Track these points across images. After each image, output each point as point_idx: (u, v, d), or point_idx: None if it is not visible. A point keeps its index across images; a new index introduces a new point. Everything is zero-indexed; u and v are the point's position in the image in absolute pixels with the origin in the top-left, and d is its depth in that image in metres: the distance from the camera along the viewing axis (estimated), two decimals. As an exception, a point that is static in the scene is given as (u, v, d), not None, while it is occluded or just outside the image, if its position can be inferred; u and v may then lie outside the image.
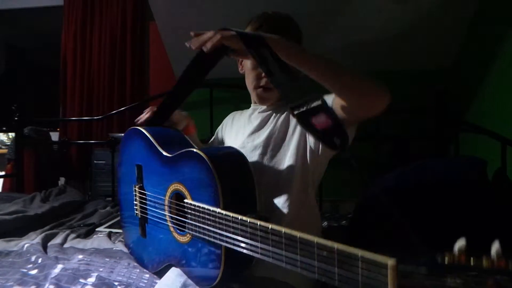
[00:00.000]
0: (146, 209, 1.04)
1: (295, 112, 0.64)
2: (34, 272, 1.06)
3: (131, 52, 3.15)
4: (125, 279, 1.01)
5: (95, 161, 2.85)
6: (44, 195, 2.07)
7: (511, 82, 1.83)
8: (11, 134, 3.30)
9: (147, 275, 1.04)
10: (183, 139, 1.05)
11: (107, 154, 2.59)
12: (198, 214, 0.81)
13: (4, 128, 3.64)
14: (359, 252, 0.51)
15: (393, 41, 2.30)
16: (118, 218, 1.72)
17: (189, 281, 0.87)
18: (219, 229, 0.75)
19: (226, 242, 0.74)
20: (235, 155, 0.90)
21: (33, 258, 1.15)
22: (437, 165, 1.58)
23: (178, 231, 0.91)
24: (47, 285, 0.95)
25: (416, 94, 2.38)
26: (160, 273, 1.00)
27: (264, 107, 1.11)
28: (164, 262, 0.99)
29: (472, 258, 0.43)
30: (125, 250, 1.23)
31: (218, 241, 0.76)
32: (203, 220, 0.79)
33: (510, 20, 1.85)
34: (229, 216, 0.72)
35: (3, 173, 2.83)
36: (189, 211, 0.84)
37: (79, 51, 3.26)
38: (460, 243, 0.45)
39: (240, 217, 0.70)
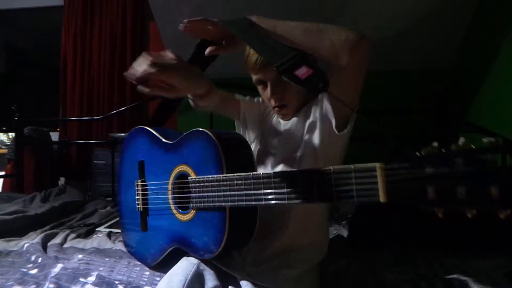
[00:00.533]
0: (147, 200, 1.06)
1: (279, 69, 0.70)
2: (34, 271, 1.06)
3: (131, 52, 3.15)
4: (125, 278, 1.01)
5: (95, 161, 2.85)
6: (44, 195, 2.07)
7: (511, 82, 1.83)
8: (11, 134, 3.30)
9: (148, 273, 1.04)
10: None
11: (107, 154, 2.59)
12: (202, 185, 0.86)
13: (4, 128, 3.64)
14: (352, 166, 0.62)
15: (393, 41, 2.30)
16: (118, 218, 1.72)
17: (202, 266, 0.87)
18: (223, 191, 0.81)
19: (231, 201, 0.79)
20: (237, 136, 0.98)
21: (33, 258, 1.15)
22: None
23: (181, 210, 0.94)
24: (47, 284, 0.95)
25: (416, 94, 2.38)
26: (164, 262, 1.00)
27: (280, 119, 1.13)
28: (167, 248, 0.99)
29: (443, 148, 0.52)
30: (125, 249, 1.23)
31: (222, 203, 0.81)
32: (207, 189, 0.84)
33: (510, 20, 1.85)
34: (233, 176, 0.79)
35: (3, 173, 2.83)
36: (194, 185, 0.88)
37: (79, 51, 3.27)
38: (434, 143, 0.53)
39: (243, 174, 0.77)
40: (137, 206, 1.09)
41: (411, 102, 2.34)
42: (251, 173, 0.76)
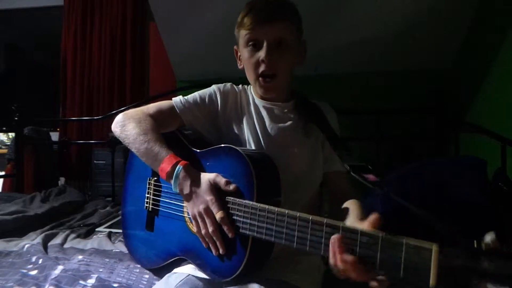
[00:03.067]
0: (158, 201, 1.03)
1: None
2: (34, 272, 1.06)
3: (131, 52, 3.15)
4: (125, 280, 1.01)
5: (95, 161, 2.85)
6: (44, 195, 2.07)
7: (511, 82, 1.83)
8: (11, 134, 3.30)
9: (147, 276, 1.04)
10: (206, 138, 1.07)
11: (107, 154, 2.59)
12: (229, 206, 0.83)
13: (4, 128, 3.63)
14: (404, 239, 0.58)
15: (393, 41, 2.29)
16: (118, 218, 1.71)
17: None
18: (251, 219, 0.78)
19: (257, 232, 0.77)
20: (265, 156, 0.94)
21: (33, 259, 1.15)
22: (438, 165, 1.58)
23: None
24: (47, 286, 0.95)
25: (416, 94, 2.38)
26: (163, 267, 0.99)
27: (271, 104, 1.05)
28: (173, 255, 0.97)
29: (504, 245, 0.51)
30: (125, 250, 1.23)
31: (247, 232, 0.79)
32: (232, 212, 0.82)
33: (510, 20, 1.85)
34: (265, 207, 0.76)
35: (3, 173, 2.83)
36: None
37: (79, 51, 3.27)
38: (491, 235, 0.52)
39: (277, 209, 0.75)
40: (146, 204, 1.06)
41: (411, 102, 2.34)
42: (286, 211, 0.73)
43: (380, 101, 2.41)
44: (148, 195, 1.06)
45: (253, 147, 1.01)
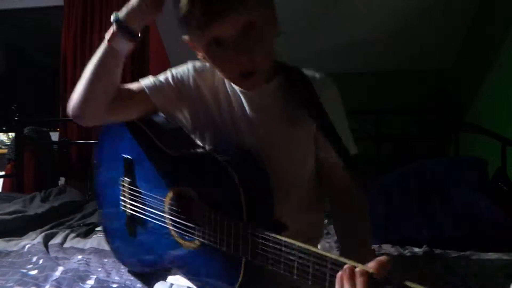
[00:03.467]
0: (137, 207, 0.93)
1: None
2: (34, 272, 1.06)
3: (131, 52, 3.15)
4: (123, 281, 1.01)
5: (95, 161, 2.85)
6: (44, 195, 2.07)
7: (511, 82, 1.83)
8: (11, 134, 3.30)
9: (145, 277, 1.04)
10: (185, 135, 0.92)
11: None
12: (219, 226, 0.72)
13: (4, 128, 3.63)
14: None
15: (393, 41, 2.29)
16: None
17: None
18: (243, 243, 0.68)
19: (250, 257, 0.68)
20: (254, 159, 0.81)
21: (34, 259, 1.15)
22: (438, 165, 1.58)
23: (184, 236, 0.82)
24: (47, 286, 0.96)
25: (416, 94, 2.38)
26: (150, 274, 0.97)
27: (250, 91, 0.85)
28: (159, 266, 0.92)
29: None
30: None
31: (241, 254, 0.70)
32: (225, 233, 0.72)
33: (510, 20, 1.85)
34: (259, 233, 0.66)
35: (3, 173, 2.83)
36: (208, 220, 0.75)
37: (79, 51, 3.26)
38: None
39: (272, 235, 0.65)
40: (122, 208, 0.96)
41: (411, 102, 2.34)
42: (282, 239, 0.63)
43: (380, 101, 2.42)
44: (124, 198, 0.95)
45: (233, 140, 0.86)
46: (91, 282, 1.00)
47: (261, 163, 0.79)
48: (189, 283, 0.86)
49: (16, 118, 2.51)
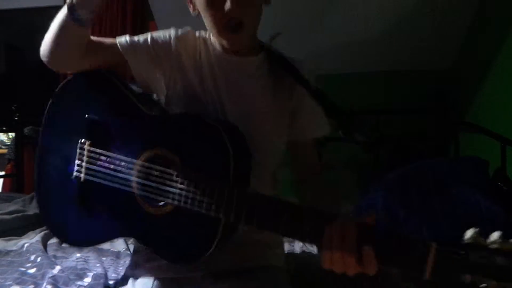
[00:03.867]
0: (94, 171, 0.83)
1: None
2: (32, 271, 1.07)
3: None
4: (120, 277, 1.02)
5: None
6: (44, 195, 2.07)
7: (511, 82, 1.83)
8: (11, 134, 3.30)
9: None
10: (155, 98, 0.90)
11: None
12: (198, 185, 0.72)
13: (4, 128, 3.63)
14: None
15: (393, 41, 2.30)
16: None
17: None
18: (228, 205, 0.69)
19: (232, 217, 0.69)
20: (238, 131, 0.81)
21: (32, 257, 1.16)
22: (438, 165, 1.58)
23: (153, 202, 0.77)
24: (44, 284, 0.96)
25: (416, 94, 2.38)
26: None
27: (238, 57, 0.86)
28: (118, 236, 0.88)
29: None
30: (121, 248, 1.23)
31: (220, 214, 0.70)
32: (207, 192, 0.71)
33: (510, 20, 1.85)
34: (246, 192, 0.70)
35: (3, 173, 2.83)
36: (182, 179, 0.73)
37: (79, 51, 3.26)
38: (497, 233, 0.57)
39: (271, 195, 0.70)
40: (75, 173, 0.85)
41: (411, 102, 2.34)
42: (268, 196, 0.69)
43: (380, 101, 2.42)
44: (80, 162, 0.85)
45: (216, 110, 0.85)
46: (88, 279, 1.01)
47: (244, 137, 0.79)
48: (154, 272, 0.83)
49: (16, 118, 2.51)
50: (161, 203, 0.76)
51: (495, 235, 0.56)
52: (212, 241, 0.71)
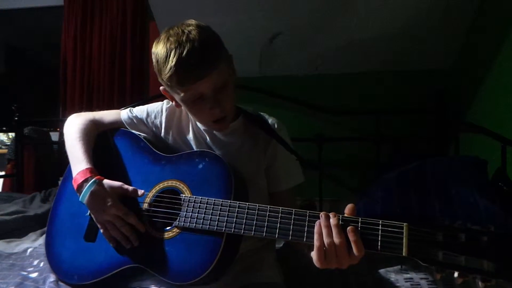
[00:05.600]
0: None
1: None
2: (34, 275, 1.07)
3: (131, 52, 3.15)
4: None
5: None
6: (44, 195, 2.07)
7: (511, 82, 1.83)
8: (11, 134, 3.30)
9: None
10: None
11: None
12: (202, 205, 0.86)
13: (4, 128, 3.63)
14: (380, 221, 0.70)
15: (393, 41, 2.29)
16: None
17: None
18: (228, 216, 0.83)
19: (233, 228, 0.81)
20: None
21: (35, 262, 1.16)
22: (438, 165, 1.58)
23: (162, 227, 0.90)
24: (45, 288, 0.96)
25: (416, 94, 2.38)
26: (104, 281, 0.93)
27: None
28: (122, 265, 0.91)
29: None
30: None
31: (223, 229, 0.82)
32: (207, 211, 0.85)
33: (510, 20, 1.85)
34: (245, 204, 0.82)
35: (3, 173, 2.83)
36: (190, 204, 0.88)
37: (79, 51, 3.26)
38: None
39: (268, 206, 0.81)
40: (87, 214, 0.96)
41: (411, 102, 2.34)
42: (268, 206, 0.80)
43: (380, 101, 2.42)
44: None
45: None
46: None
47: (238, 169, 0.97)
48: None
49: (16, 118, 2.51)
50: (168, 228, 0.89)
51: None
52: (215, 255, 0.81)
